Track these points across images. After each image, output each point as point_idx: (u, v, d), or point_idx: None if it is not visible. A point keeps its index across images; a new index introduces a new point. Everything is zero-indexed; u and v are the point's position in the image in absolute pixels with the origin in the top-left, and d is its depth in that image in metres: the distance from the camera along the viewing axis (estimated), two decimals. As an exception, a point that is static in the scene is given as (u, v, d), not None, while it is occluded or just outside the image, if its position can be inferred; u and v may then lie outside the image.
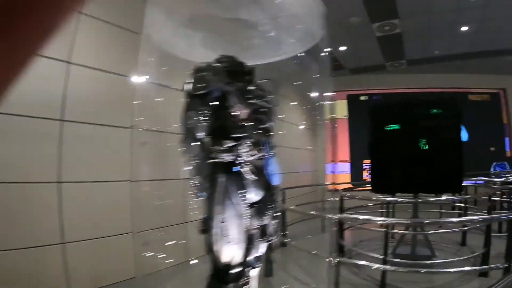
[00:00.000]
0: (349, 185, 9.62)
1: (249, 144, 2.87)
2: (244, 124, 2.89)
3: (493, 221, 4.91)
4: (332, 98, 5.87)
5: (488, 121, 15.34)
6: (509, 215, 4.18)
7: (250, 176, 2.89)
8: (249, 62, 3.09)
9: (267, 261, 4.92)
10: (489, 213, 5.71)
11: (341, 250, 6.22)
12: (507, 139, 15.56)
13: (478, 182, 10.08)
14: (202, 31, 3.07)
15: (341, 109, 14.77)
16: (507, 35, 11.11)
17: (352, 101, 14.85)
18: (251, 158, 2.90)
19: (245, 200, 2.87)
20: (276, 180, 3.17)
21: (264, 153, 2.99)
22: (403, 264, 4.81)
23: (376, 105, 4.56)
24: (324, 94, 5.57)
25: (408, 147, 4.64)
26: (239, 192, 2.85)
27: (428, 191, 4.96)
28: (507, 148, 15.52)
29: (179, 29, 3.04)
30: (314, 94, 6.24)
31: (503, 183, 9.37)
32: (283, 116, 10.51)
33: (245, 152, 2.86)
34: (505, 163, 14.26)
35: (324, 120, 6.68)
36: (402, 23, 9.60)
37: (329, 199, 7.16)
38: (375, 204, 7.82)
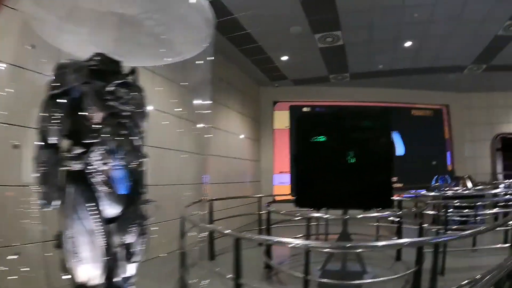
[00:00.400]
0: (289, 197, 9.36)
1: (102, 152, 2.57)
2: (98, 129, 2.58)
3: (423, 244, 4.71)
4: (208, 107, 5.69)
5: (431, 136, 15.85)
6: (435, 239, 3.98)
7: (103, 188, 2.58)
8: (136, 62, 2.80)
9: (182, 280, 4.58)
10: (420, 231, 5.60)
11: (268, 267, 5.97)
12: (448, 153, 16.04)
13: (410, 196, 10.14)
14: (84, 26, 2.77)
15: (283, 119, 14.56)
16: (450, 52, 11.30)
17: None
18: (105, 167, 2.59)
19: (95, 214, 2.56)
20: (141, 193, 2.89)
21: (125, 162, 2.68)
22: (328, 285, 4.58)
23: (302, 115, 4.36)
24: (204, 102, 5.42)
25: (334, 160, 4.42)
26: (88, 205, 2.54)
27: (355, 207, 4.74)
28: (449, 162, 16.00)
29: (60, 23, 2.73)
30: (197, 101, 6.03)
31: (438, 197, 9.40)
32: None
33: (97, 160, 2.56)
34: (446, 176, 14.54)
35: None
36: (344, 35, 9.53)
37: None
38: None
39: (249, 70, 12.03)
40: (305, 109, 14.20)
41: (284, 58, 11.21)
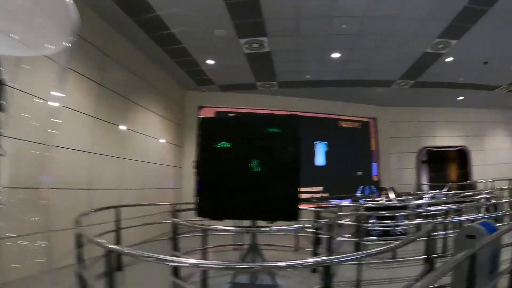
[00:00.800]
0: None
1: None
2: None
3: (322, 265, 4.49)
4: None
5: (358, 147, 16.16)
6: (331, 260, 3.74)
7: None
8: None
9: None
10: (329, 244, 5.44)
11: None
12: (375, 164, 16.44)
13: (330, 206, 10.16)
14: None
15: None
16: (378, 66, 11.44)
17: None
18: None
19: None
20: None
21: None
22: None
23: (206, 119, 4.09)
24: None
25: (238, 169, 4.15)
26: None
27: (258, 218, 4.48)
28: (375, 173, 16.38)
29: None
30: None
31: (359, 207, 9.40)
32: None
33: None
34: (372, 187, 14.86)
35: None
36: (271, 42, 9.37)
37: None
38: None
39: (174, 72, 11.56)
40: (231, 116, 13.91)
41: (210, 61, 10.85)
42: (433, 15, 8.31)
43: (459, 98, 15.77)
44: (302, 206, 6.95)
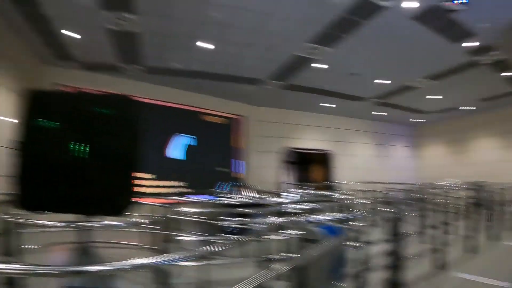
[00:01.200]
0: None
1: None
2: None
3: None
4: None
5: (223, 143, 16.35)
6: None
7: None
8: None
9: None
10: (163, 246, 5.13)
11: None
12: (239, 162, 16.70)
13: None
14: None
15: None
16: (246, 62, 11.39)
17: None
18: None
19: None
20: None
21: None
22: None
23: (33, 92, 3.54)
24: None
25: (62, 153, 3.58)
26: None
27: (75, 211, 3.91)
28: (238, 170, 16.63)
29: None
30: None
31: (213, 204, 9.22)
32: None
33: None
34: (233, 183, 14.98)
35: None
36: (139, 21, 8.65)
37: None
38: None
39: (31, 42, 9.90)
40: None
41: (70, 34, 9.35)
42: (307, 19, 8.44)
43: (327, 105, 16.56)
44: (153, 201, 6.66)
